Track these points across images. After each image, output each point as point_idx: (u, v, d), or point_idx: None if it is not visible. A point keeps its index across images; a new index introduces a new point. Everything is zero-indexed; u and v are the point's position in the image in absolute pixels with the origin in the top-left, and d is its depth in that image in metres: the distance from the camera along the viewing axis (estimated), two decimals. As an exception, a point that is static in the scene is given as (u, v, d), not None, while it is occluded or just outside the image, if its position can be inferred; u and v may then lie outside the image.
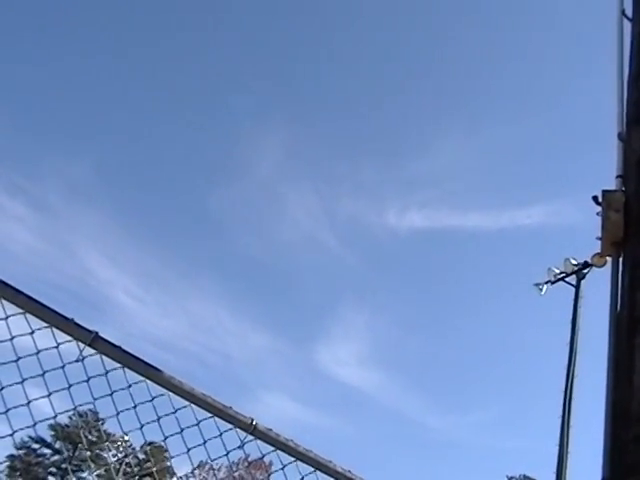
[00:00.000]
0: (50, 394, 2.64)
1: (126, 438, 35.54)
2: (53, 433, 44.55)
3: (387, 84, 62.10)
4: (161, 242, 60.04)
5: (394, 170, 62.35)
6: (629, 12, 4.24)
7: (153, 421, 2.70)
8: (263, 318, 61.98)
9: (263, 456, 2.84)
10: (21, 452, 44.57)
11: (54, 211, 59.65)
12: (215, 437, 2.76)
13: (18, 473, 44.96)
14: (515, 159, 60.15)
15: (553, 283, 18.13)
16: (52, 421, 2.80)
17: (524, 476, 45.26)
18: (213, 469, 38.00)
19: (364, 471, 3.05)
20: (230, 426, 2.77)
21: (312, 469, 2.90)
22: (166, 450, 2.76)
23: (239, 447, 2.78)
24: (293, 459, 2.87)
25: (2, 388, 2.56)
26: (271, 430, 2.82)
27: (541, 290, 18.35)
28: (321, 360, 65.57)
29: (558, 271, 18.04)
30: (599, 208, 3.59)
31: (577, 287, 17.50)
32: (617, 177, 3.70)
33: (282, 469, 2.86)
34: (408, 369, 60.87)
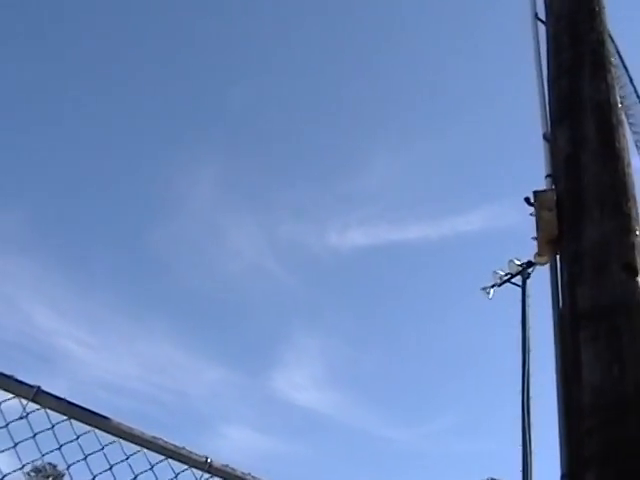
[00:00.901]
0: (-1, 452, 2.56)
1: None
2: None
3: (316, 105, 62.57)
4: (104, 286, 58.83)
5: (330, 190, 62.54)
6: (542, 15, 4.37)
7: (105, 470, 2.64)
8: (215, 352, 61.23)
9: (222, 493, 2.80)
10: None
11: (-11, 263, 58.24)
12: (171, 479, 2.71)
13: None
14: (448, 168, 60.88)
15: (500, 285, 18.36)
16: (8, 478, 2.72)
17: (491, 479, 45.54)
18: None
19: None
20: (185, 466, 2.73)
21: (274, 500, 2.88)
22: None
23: (196, 486, 2.74)
24: (253, 492, 2.84)
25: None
26: (227, 466, 2.78)
27: (489, 294, 18.57)
28: (277, 387, 64.90)
29: (503, 273, 18.28)
30: (532, 209, 3.65)
31: (523, 287, 17.77)
32: (547, 177, 3.78)
33: (243, 503, 2.83)
34: (365, 386, 60.71)
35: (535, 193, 3.71)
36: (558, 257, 3.59)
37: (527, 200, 3.73)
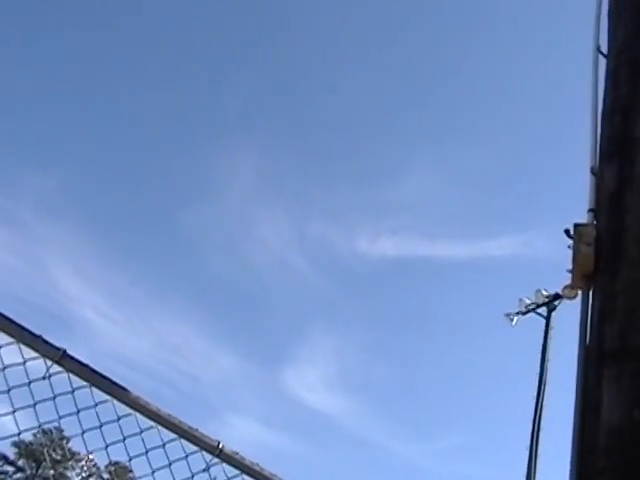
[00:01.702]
0: (15, 411, 2.61)
1: (91, 457, 34.99)
2: (16, 450, 43.80)
3: (362, 110, 62.67)
4: (130, 260, 59.78)
5: (366, 196, 62.84)
6: (604, 48, 4.34)
7: (119, 441, 2.68)
8: (231, 339, 61.76)
9: (229, 480, 2.82)
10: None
11: (23, 226, 59.20)
12: (180, 459, 2.74)
13: (-22, 490, 44.12)
14: (486, 189, 60.85)
15: (524, 314, 18.23)
16: (16, 438, 2.77)
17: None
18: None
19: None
20: (196, 448, 2.75)
21: (277, 494, 2.89)
22: (131, 471, 2.74)
23: (204, 470, 2.76)
24: (260, 482, 2.86)
25: (-34, 404, 2.53)
26: (237, 453, 2.80)
27: (512, 320, 18.45)
28: (288, 383, 65.32)
29: (529, 302, 18.15)
30: (570, 241, 3.63)
31: (547, 318, 17.63)
32: (589, 211, 3.75)
33: (247, 493, 2.84)
34: (375, 395, 60.89)
35: (576, 226, 3.68)
36: (590, 293, 3.56)
37: (567, 232, 3.71)
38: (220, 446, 2.76)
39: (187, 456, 2.74)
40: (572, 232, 3.64)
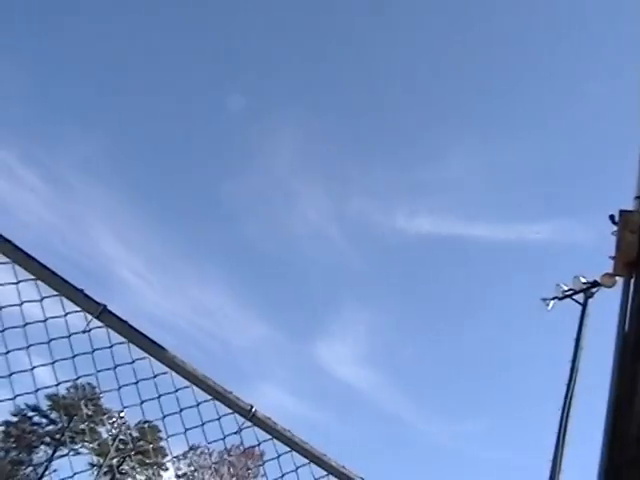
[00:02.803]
0: (54, 362, 2.65)
1: (122, 415, 35.63)
2: (50, 403, 44.76)
3: (406, 89, 62.09)
4: (170, 224, 60.25)
5: (405, 174, 62.40)
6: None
7: (153, 398, 2.70)
8: (265, 308, 62.10)
9: (259, 443, 2.84)
10: (17, 419, 44.86)
11: (67, 185, 59.82)
12: (213, 420, 2.76)
13: (12, 439, 45.26)
14: (526, 174, 60.00)
15: (561, 299, 18.04)
16: (50, 391, 2.81)
17: (513, 489, 45.15)
18: (205, 453, 38.12)
19: (352, 468, 3.05)
20: (229, 411, 2.78)
21: (307, 461, 2.91)
22: (160, 430, 2.77)
23: (236, 432, 2.79)
24: (289, 449, 2.88)
25: (8, 352, 2.58)
26: (269, 418, 2.82)
27: (548, 305, 18.29)
28: (319, 355, 65.61)
29: (566, 288, 17.95)
30: (610, 229, 3.57)
31: (584, 305, 17.41)
32: (635, 198, 3.68)
33: (277, 458, 2.86)
34: (404, 372, 60.88)
35: (621, 212, 3.62)
36: (632, 281, 3.50)
37: (611, 218, 3.64)
38: (253, 410, 2.78)
39: (220, 418, 2.77)
40: (617, 219, 3.57)
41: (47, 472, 43.40)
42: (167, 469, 43.90)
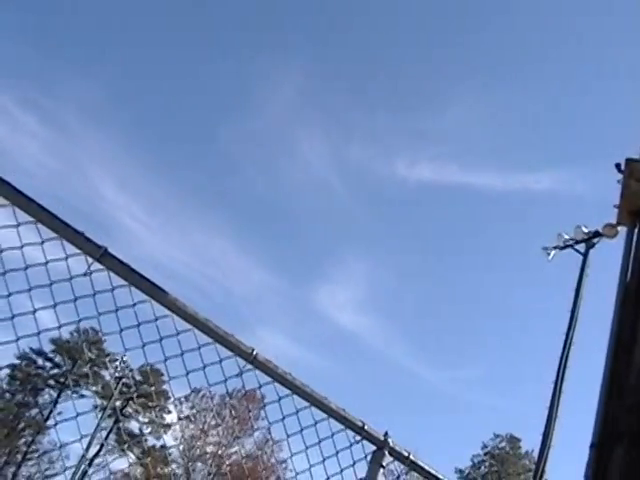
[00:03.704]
0: (56, 305, 2.65)
1: (125, 358, 36.06)
2: (54, 347, 45.28)
3: (407, 36, 61.20)
4: (169, 170, 60.01)
5: (407, 122, 61.93)
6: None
7: (155, 341, 2.71)
8: (266, 255, 62.26)
9: (260, 387, 2.86)
10: (22, 362, 45.44)
11: (66, 129, 59.43)
12: (215, 363, 2.78)
13: (18, 382, 45.92)
14: (527, 123, 59.51)
15: (562, 249, 18.07)
16: (53, 335, 2.82)
17: (510, 435, 45.96)
18: (207, 396, 38.66)
19: (351, 412, 3.09)
20: (230, 354, 2.79)
21: (307, 404, 2.94)
22: (162, 374, 2.79)
23: (237, 375, 2.81)
24: (289, 392, 2.90)
25: (9, 295, 2.57)
26: (270, 362, 2.84)
27: (549, 254, 18.34)
28: (319, 301, 66.05)
29: (567, 237, 17.96)
30: (615, 178, 3.54)
31: (585, 255, 17.43)
32: (643, 147, 3.64)
33: (278, 401, 2.89)
34: (404, 319, 61.44)
35: (627, 161, 3.58)
36: (636, 230, 3.49)
37: (617, 166, 3.61)
38: (254, 353, 2.80)
39: (221, 361, 2.78)
40: (623, 167, 3.54)
41: (52, 414, 44.10)
42: (170, 412, 44.58)
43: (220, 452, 40.71)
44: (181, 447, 41.16)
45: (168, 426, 44.51)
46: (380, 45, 61.96)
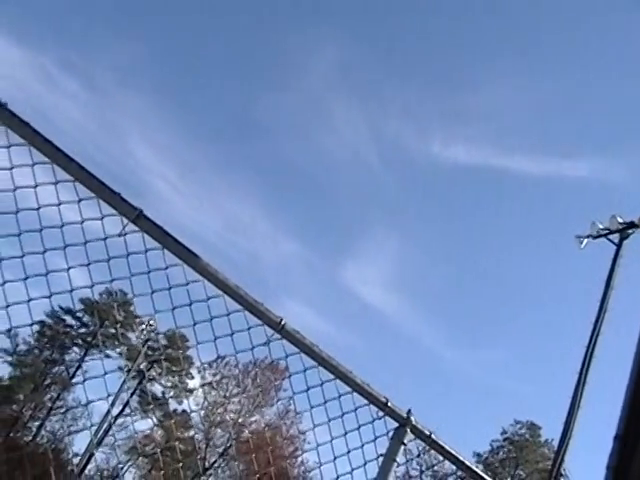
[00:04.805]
0: (89, 264, 2.67)
1: (151, 322, 36.47)
2: (83, 307, 45.92)
3: (448, 13, 60.34)
4: (204, 136, 60.03)
5: (444, 100, 61.25)
6: None
7: (184, 305, 2.73)
8: (295, 225, 62.24)
9: (287, 356, 2.87)
10: (51, 320, 46.19)
11: (104, 92, 59.57)
12: (242, 331, 2.79)
13: (46, 339, 46.73)
14: (568, 108, 58.54)
15: (595, 238, 17.87)
16: (83, 295, 2.85)
17: (531, 423, 45.84)
18: (231, 364, 39.01)
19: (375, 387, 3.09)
20: (259, 322, 2.80)
21: (332, 377, 2.94)
22: (187, 340, 2.80)
23: (264, 344, 2.82)
24: (315, 364, 2.91)
25: (45, 251, 2.60)
26: (298, 332, 2.84)
27: (581, 243, 18.15)
28: (346, 276, 65.86)
29: (602, 227, 17.76)
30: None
31: (619, 246, 17.22)
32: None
33: (303, 372, 2.90)
34: (431, 298, 61.15)
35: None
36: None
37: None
38: (282, 323, 2.81)
39: (249, 328, 2.80)
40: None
41: (78, 372, 44.88)
42: (193, 377, 45.10)
43: (241, 420, 41.16)
44: (202, 413, 41.67)
45: (190, 391, 45.08)
46: (420, 21, 61.27)
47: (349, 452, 3.08)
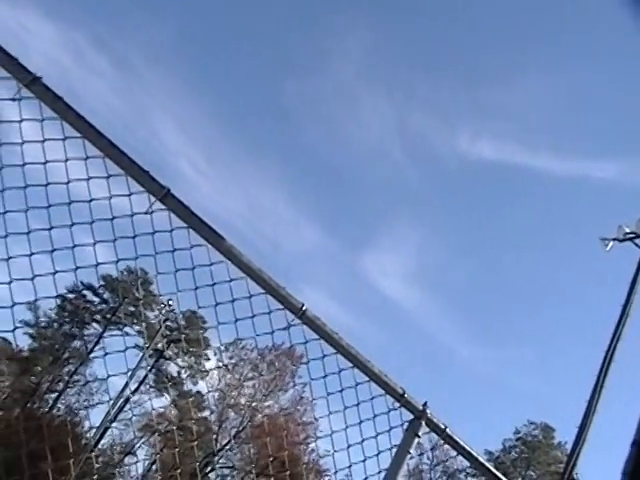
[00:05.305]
0: (115, 240, 2.69)
1: (170, 302, 36.71)
2: (104, 283, 46.30)
3: (481, 7, 59.74)
4: (231, 120, 60.04)
5: (471, 95, 60.71)
6: None
7: (207, 285, 2.74)
8: (318, 213, 62.15)
9: (306, 342, 2.88)
10: (72, 295, 46.64)
11: (134, 71, 59.71)
12: (263, 314, 2.80)
13: (66, 314, 47.24)
14: (596, 107, 57.85)
15: (621, 241, 17.72)
16: (104, 271, 2.87)
17: (545, 424, 45.65)
18: (247, 348, 39.21)
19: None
20: (280, 306, 2.81)
21: (350, 365, 2.94)
22: (205, 322, 2.81)
23: (284, 329, 2.82)
24: (334, 352, 2.91)
25: (72, 224, 2.62)
26: (319, 319, 2.84)
27: (607, 246, 18.00)
28: (367, 267, 65.68)
29: (628, 230, 17.60)
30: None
31: (645, 251, 17.06)
32: None
33: (322, 359, 2.91)
34: (451, 294, 60.89)
35: None
36: None
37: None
38: (304, 308, 2.81)
39: (270, 312, 2.80)
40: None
41: (96, 348, 45.33)
42: (209, 359, 45.37)
43: (255, 404, 41.37)
44: (216, 395, 41.93)
45: (206, 372, 45.39)
46: (450, 13, 60.77)
47: (363, 441, 3.09)
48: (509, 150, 59.38)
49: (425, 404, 3.12)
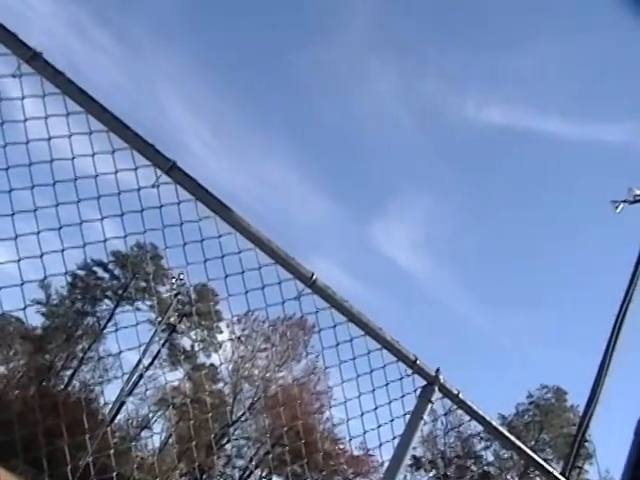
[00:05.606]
0: (123, 214, 2.68)
1: (181, 276, 36.84)
2: (114, 259, 46.51)
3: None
4: (239, 94, 59.83)
5: (480, 61, 60.28)
6: None
7: (217, 257, 2.73)
8: (328, 184, 62.12)
9: (317, 311, 2.87)
10: (83, 272, 46.91)
11: (139, 47, 59.54)
12: (273, 284, 2.79)
13: (78, 291, 47.54)
14: (606, 70, 57.32)
15: (631, 203, 17.60)
16: (114, 247, 2.86)
17: (557, 387, 45.83)
18: (259, 320, 39.39)
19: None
20: (290, 276, 2.80)
21: (362, 333, 2.94)
22: (217, 294, 2.80)
23: (295, 298, 2.82)
24: (345, 320, 2.91)
25: (79, 201, 2.61)
26: (329, 287, 2.83)
27: (617, 208, 17.89)
28: (376, 236, 65.74)
29: (638, 192, 17.48)
30: None
31: (655, 212, 16.96)
32: None
33: (333, 327, 2.90)
34: (460, 262, 60.95)
35: None
36: None
37: None
38: (314, 278, 2.80)
39: (280, 282, 2.79)
40: None
41: (109, 324, 45.70)
42: (222, 332, 45.66)
43: (268, 375, 41.70)
44: (230, 367, 42.28)
45: (219, 345, 45.70)
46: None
47: (376, 409, 3.10)
48: (518, 115, 59.04)
49: (438, 370, 3.12)
